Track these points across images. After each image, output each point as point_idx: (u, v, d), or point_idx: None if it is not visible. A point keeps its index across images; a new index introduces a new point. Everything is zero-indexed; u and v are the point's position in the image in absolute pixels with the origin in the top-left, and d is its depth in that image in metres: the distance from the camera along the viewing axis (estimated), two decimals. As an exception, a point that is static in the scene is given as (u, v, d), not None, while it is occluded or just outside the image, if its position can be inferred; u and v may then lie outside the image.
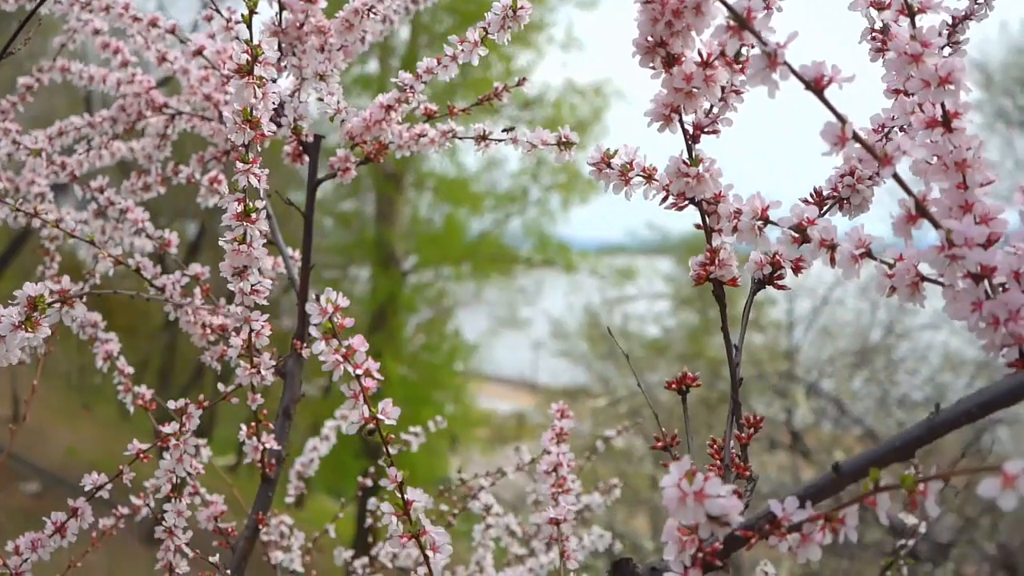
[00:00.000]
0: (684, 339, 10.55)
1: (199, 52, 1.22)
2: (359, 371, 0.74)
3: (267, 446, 1.12)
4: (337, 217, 11.64)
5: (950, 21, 0.85)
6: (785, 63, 0.59)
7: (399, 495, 0.78)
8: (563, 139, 1.03)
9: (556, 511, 1.09)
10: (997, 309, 0.60)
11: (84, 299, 0.92)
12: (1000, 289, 0.63)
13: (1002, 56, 8.96)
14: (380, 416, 0.76)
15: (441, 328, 11.86)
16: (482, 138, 1.11)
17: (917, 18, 0.66)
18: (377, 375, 0.75)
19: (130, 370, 1.24)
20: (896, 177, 0.61)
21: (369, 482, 1.68)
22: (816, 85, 0.60)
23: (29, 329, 0.78)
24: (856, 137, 0.60)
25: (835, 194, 0.81)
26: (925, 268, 0.66)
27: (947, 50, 0.85)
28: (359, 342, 0.75)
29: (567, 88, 11.18)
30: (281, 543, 1.53)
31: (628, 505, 7.52)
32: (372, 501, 1.31)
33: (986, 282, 0.63)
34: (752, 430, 0.76)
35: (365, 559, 1.56)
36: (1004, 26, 9.05)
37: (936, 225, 0.61)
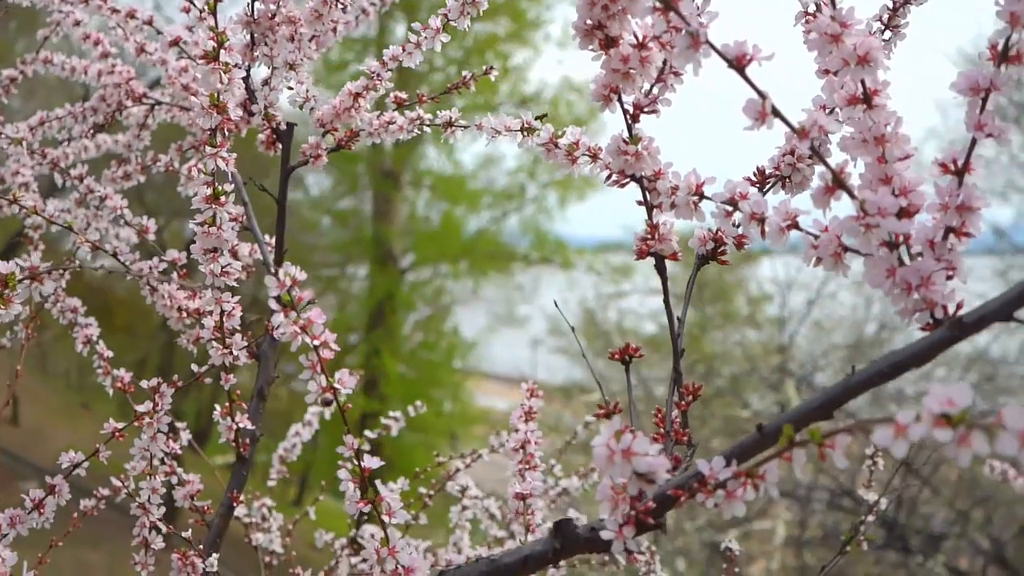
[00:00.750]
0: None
1: (175, 43, 1.25)
2: (317, 342, 0.77)
3: (241, 426, 1.15)
4: (335, 215, 11.68)
5: (891, 5, 0.88)
6: (707, 42, 0.63)
7: (356, 463, 0.81)
8: (526, 125, 1.06)
9: (522, 486, 1.12)
10: (910, 275, 0.64)
11: (58, 276, 0.95)
12: (918, 257, 0.66)
13: (997, 52, 8.97)
14: (337, 386, 0.79)
15: (439, 326, 11.90)
16: (448, 125, 1.14)
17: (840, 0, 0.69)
18: (334, 346, 0.78)
19: (109, 354, 1.27)
20: (814, 150, 0.64)
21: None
22: (738, 63, 0.63)
23: (1, 305, 0.82)
24: (775, 113, 0.63)
25: (776, 172, 0.84)
26: (849, 239, 0.69)
27: (887, 33, 0.88)
28: (316, 314, 0.78)
29: (564, 85, 11.21)
30: (262, 525, 1.56)
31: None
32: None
33: (904, 250, 0.66)
34: (691, 398, 0.80)
35: (344, 540, 1.60)
36: (999, 21, 9.06)
37: (852, 196, 0.64)
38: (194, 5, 1.20)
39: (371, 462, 0.81)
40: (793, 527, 6.82)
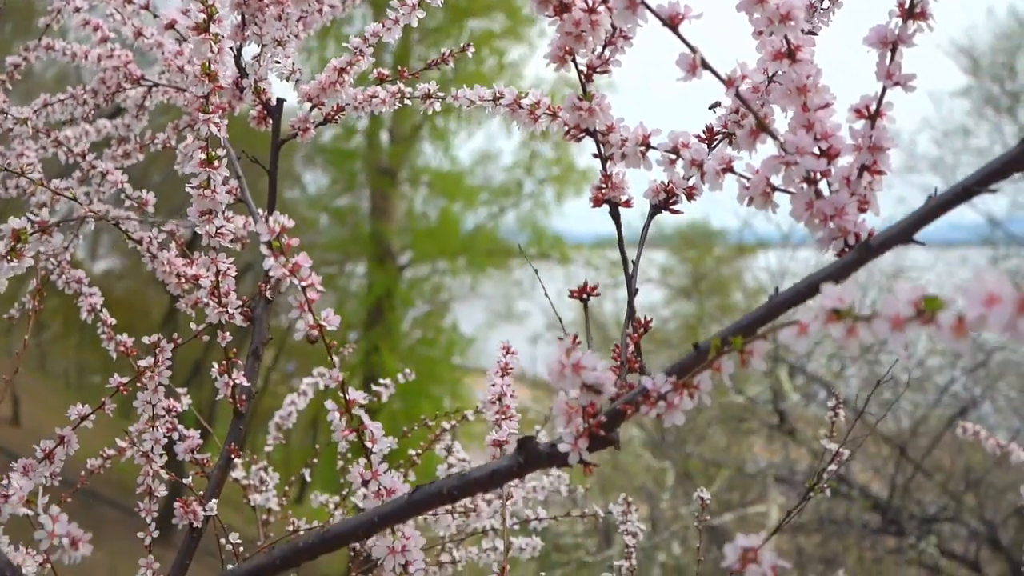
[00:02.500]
0: (680, 328, 10.69)
1: (171, 26, 1.33)
2: (304, 283, 0.85)
3: (237, 382, 1.23)
4: (332, 213, 11.76)
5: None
6: (643, 3, 0.70)
7: (341, 395, 0.89)
8: (497, 95, 1.13)
9: (498, 435, 1.19)
10: (825, 207, 0.71)
11: (66, 243, 1.03)
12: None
13: (989, 42, 9.07)
14: (323, 323, 0.86)
15: (438, 322, 11.97)
16: (427, 96, 1.22)
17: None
18: (320, 287, 0.86)
19: (112, 321, 1.35)
20: (740, 98, 0.72)
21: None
22: (672, 22, 0.71)
23: (13, 258, 0.89)
24: (705, 65, 0.71)
25: (724, 129, 0.92)
26: (776, 180, 0.77)
27: (826, 2, 0.96)
28: (303, 259, 0.86)
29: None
30: (259, 487, 1.64)
31: (624, 493, 7.65)
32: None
33: (825, 186, 0.74)
34: (643, 330, 0.88)
35: (337, 498, 1.68)
36: (991, 12, 9.15)
37: (774, 137, 0.72)
38: (189, -11, 1.28)
39: (356, 395, 0.89)
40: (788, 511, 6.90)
